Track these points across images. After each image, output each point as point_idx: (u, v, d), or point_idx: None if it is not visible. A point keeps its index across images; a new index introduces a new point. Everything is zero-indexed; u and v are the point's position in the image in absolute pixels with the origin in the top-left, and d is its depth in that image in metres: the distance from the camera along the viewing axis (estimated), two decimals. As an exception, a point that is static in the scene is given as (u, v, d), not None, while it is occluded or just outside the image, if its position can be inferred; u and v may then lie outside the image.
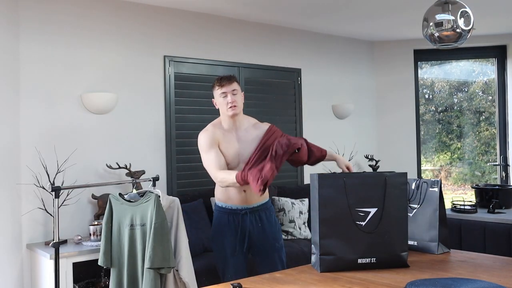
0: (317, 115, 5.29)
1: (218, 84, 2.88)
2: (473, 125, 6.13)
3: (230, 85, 2.86)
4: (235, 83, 2.90)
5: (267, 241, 2.91)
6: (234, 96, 2.85)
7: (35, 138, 3.57)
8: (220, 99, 2.87)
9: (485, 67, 6.12)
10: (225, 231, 2.88)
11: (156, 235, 2.61)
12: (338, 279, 1.89)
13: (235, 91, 2.86)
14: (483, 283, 1.72)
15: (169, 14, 4.27)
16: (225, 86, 2.85)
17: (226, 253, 2.88)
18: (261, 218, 2.91)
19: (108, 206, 2.76)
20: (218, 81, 2.90)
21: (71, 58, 3.76)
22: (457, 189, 6.24)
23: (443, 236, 2.32)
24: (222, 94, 2.86)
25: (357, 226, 2.02)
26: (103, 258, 2.72)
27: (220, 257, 2.90)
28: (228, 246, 2.87)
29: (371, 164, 5.47)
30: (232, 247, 2.86)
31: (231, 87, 2.86)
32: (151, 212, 2.65)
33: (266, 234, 2.90)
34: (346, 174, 2.07)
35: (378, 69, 5.88)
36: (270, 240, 2.91)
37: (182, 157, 4.27)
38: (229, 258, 2.87)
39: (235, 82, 2.90)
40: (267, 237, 2.91)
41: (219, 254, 2.91)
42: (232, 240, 2.87)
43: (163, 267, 2.61)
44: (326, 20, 4.87)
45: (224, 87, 2.85)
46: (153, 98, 4.16)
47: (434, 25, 2.82)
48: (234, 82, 2.89)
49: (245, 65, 4.71)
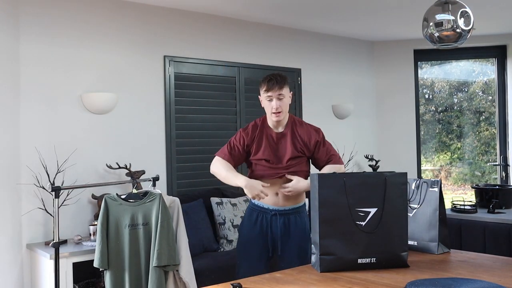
0: (317, 115, 5.29)
1: (265, 86, 2.74)
2: (473, 125, 6.13)
3: (278, 90, 2.71)
4: (285, 87, 2.75)
5: (292, 245, 2.77)
6: (280, 101, 2.73)
7: (35, 138, 3.57)
8: (266, 101, 2.76)
9: (485, 67, 6.12)
10: (251, 228, 2.80)
11: (163, 234, 2.63)
12: (338, 279, 1.89)
13: (281, 96, 2.73)
14: (483, 283, 1.72)
15: (169, 14, 4.27)
16: (272, 90, 2.72)
17: (247, 249, 2.80)
18: (289, 221, 2.79)
19: (104, 207, 2.72)
20: (266, 82, 2.74)
21: (71, 58, 3.76)
22: (457, 189, 6.25)
23: (443, 236, 2.31)
24: (267, 97, 2.74)
25: (357, 226, 2.02)
26: (99, 260, 2.67)
27: (240, 251, 2.84)
28: (251, 243, 2.79)
29: (371, 164, 5.47)
30: (255, 245, 2.77)
31: (279, 92, 2.72)
32: (156, 211, 2.67)
33: (291, 237, 2.78)
34: (346, 174, 2.07)
35: (378, 69, 5.88)
36: (295, 244, 2.78)
37: (182, 157, 4.28)
38: (248, 256, 2.79)
39: (285, 86, 2.75)
40: (292, 241, 2.78)
41: (241, 248, 2.84)
42: (256, 238, 2.78)
43: (169, 264, 2.64)
44: (326, 20, 4.87)
45: (271, 91, 2.72)
46: (153, 98, 4.16)
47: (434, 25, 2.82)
48: (283, 87, 2.74)
49: (245, 65, 4.71)
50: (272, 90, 2.72)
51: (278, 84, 2.72)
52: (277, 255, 2.80)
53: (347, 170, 5.33)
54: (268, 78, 2.75)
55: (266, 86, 2.73)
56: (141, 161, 4.03)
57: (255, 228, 2.80)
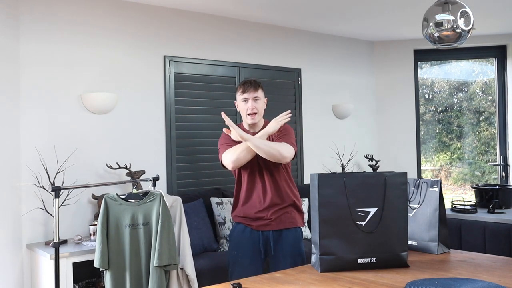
0: (317, 115, 5.29)
1: (241, 89, 2.84)
2: (473, 125, 6.13)
3: (253, 92, 2.82)
4: (260, 90, 2.85)
5: (285, 245, 2.80)
6: (255, 102, 2.81)
7: (35, 138, 3.57)
8: (241, 104, 2.84)
9: (485, 67, 6.12)
10: (241, 231, 2.83)
11: (163, 233, 2.64)
12: (338, 279, 1.89)
13: (256, 98, 2.82)
14: (483, 283, 1.72)
15: (169, 14, 4.27)
16: (248, 92, 2.82)
17: (239, 254, 2.81)
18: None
19: (104, 207, 2.72)
20: (242, 85, 2.85)
21: (71, 58, 3.76)
22: (457, 189, 6.24)
23: (443, 236, 2.32)
24: (243, 99, 2.83)
25: (357, 226, 2.02)
26: (100, 260, 2.66)
27: (232, 257, 2.84)
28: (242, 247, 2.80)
29: (371, 164, 5.47)
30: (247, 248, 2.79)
31: (254, 94, 2.81)
32: (157, 211, 2.67)
33: (283, 236, 2.80)
34: (346, 174, 2.07)
35: (378, 69, 5.88)
36: (288, 243, 2.80)
37: (182, 157, 4.28)
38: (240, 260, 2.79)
39: (260, 89, 2.86)
40: (284, 240, 2.80)
41: (232, 253, 2.85)
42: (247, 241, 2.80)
43: (170, 264, 2.65)
44: (326, 20, 4.87)
45: (246, 93, 2.82)
46: (153, 98, 4.16)
47: (434, 25, 2.82)
48: (258, 89, 2.84)
49: (245, 65, 4.71)
50: (248, 92, 2.82)
51: (253, 86, 2.83)
52: (270, 256, 2.81)
53: (347, 170, 5.33)
54: (243, 82, 2.88)
55: (242, 88, 2.83)
56: (141, 161, 4.03)
57: (245, 231, 2.82)
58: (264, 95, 2.90)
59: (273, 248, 2.77)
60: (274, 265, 2.76)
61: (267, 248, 2.80)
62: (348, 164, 5.37)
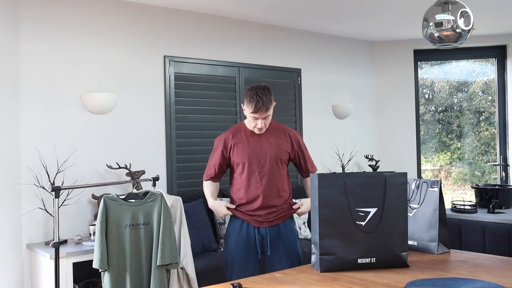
0: (317, 115, 5.29)
1: (252, 108, 2.68)
2: (473, 125, 6.13)
3: (265, 113, 2.70)
4: (271, 108, 2.73)
5: (281, 244, 2.80)
6: (265, 120, 2.73)
7: (35, 138, 3.57)
8: (250, 118, 2.74)
9: (485, 67, 6.12)
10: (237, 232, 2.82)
11: (165, 233, 2.65)
12: (338, 279, 1.89)
13: (267, 116, 2.74)
14: (483, 283, 1.72)
15: (169, 14, 4.27)
16: (259, 113, 2.69)
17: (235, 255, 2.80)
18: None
19: (103, 207, 2.70)
20: (254, 104, 2.67)
21: (71, 57, 3.76)
22: (457, 189, 6.24)
23: (443, 236, 2.32)
24: (253, 118, 2.72)
25: (357, 226, 2.02)
26: (99, 261, 2.64)
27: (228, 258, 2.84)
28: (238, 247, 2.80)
29: (371, 164, 5.47)
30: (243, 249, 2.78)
31: (265, 114, 2.71)
32: (158, 211, 2.68)
33: (280, 236, 2.81)
34: (346, 174, 2.07)
35: (378, 69, 5.88)
36: (284, 243, 2.81)
37: (182, 157, 4.28)
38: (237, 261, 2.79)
39: (271, 107, 2.73)
40: (281, 240, 2.81)
41: (229, 255, 2.84)
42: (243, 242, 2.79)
43: (172, 262, 2.66)
44: (326, 20, 4.87)
45: (258, 113, 2.69)
46: (153, 98, 4.16)
47: (434, 25, 2.82)
48: (270, 108, 2.72)
49: (245, 65, 4.71)
50: (259, 112, 2.70)
51: (265, 107, 2.68)
52: (266, 256, 2.81)
53: (347, 170, 5.33)
54: (255, 100, 2.67)
55: (254, 108, 2.68)
56: (141, 161, 4.03)
57: (241, 232, 2.81)
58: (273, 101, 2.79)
59: (269, 248, 2.77)
60: (270, 265, 2.77)
61: (263, 248, 2.79)
62: (348, 164, 5.37)
